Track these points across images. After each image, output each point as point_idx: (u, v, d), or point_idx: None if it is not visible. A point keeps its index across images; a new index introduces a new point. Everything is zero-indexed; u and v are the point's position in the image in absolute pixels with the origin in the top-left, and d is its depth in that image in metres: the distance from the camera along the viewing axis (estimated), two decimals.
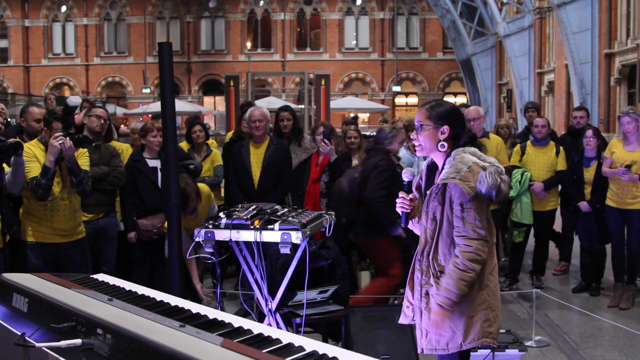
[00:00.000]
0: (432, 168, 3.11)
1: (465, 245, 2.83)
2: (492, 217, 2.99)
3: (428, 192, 2.99)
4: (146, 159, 5.50)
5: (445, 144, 2.96)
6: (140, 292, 2.62)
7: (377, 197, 5.09)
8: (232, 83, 16.92)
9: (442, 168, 2.97)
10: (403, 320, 3.10)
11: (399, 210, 3.08)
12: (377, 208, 5.10)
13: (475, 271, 2.84)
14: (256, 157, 5.81)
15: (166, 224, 4.37)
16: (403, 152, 5.91)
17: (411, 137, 3.06)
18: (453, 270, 2.83)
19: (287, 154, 5.89)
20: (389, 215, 5.05)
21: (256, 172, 5.76)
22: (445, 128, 2.96)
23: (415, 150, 3.34)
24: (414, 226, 3.18)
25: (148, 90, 38.69)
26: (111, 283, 2.80)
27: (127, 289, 2.70)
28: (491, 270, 2.94)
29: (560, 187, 7.01)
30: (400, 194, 3.07)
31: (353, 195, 5.25)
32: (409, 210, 3.07)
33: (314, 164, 5.91)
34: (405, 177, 3.08)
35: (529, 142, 6.96)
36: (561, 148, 6.90)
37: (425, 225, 2.99)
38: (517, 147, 7.00)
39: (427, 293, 2.96)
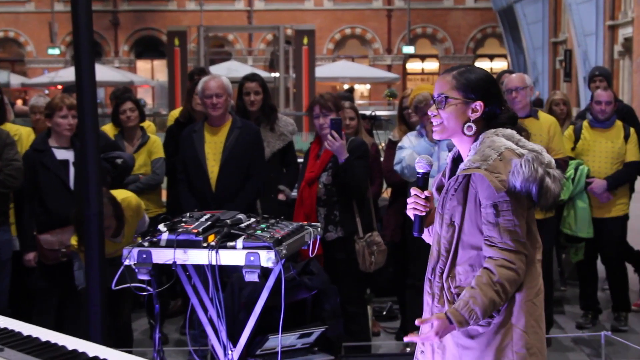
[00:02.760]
0: (459, 161, 3.12)
1: (505, 261, 2.85)
2: (544, 228, 3.01)
3: (444, 188, 3.02)
4: (53, 149, 5.48)
5: (474, 126, 2.99)
6: (43, 339, 2.60)
7: None
8: (176, 42, 16.90)
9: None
10: None
11: (410, 213, 3.11)
12: None
13: (509, 296, 2.88)
14: (213, 146, 5.80)
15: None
16: (417, 140, 5.92)
17: (429, 113, 3.06)
18: (486, 283, 2.85)
19: (256, 141, 5.90)
20: None
21: (213, 167, 5.76)
22: (479, 104, 2.98)
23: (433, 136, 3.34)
24: (431, 236, 3.18)
25: (56, 52, 38.48)
26: (1, 326, 2.77)
27: (25, 334, 2.67)
28: (533, 296, 2.97)
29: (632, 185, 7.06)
30: (413, 191, 3.08)
31: None
32: (424, 214, 3.09)
33: (312, 157, 5.88)
34: (420, 167, 3.09)
35: (585, 123, 6.92)
36: (632, 131, 6.89)
37: (440, 233, 3.02)
38: (570, 130, 6.97)
39: None
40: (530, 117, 6.34)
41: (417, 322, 2.89)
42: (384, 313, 7.07)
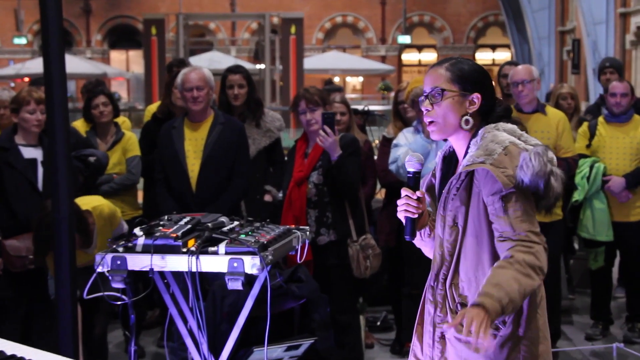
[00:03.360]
0: (451, 159, 3.15)
1: (522, 246, 2.83)
2: (550, 231, 3.02)
3: (445, 186, 3.03)
4: (20, 147, 5.46)
5: (471, 120, 3.02)
6: (8, 352, 2.59)
7: None
8: (154, 31, 16.90)
9: (465, 155, 3.02)
10: None
11: (401, 216, 3.11)
12: None
13: (535, 281, 2.82)
14: (194, 143, 5.80)
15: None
16: (413, 136, 5.93)
17: (423, 109, 3.07)
18: (505, 266, 2.79)
19: (241, 139, 5.90)
20: None
21: (194, 166, 5.76)
22: (476, 96, 3.02)
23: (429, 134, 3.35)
24: (423, 241, 3.21)
25: (23, 41, 38.33)
26: None
27: None
28: (537, 305, 3.00)
29: None
30: (404, 192, 3.09)
31: None
32: (416, 216, 3.09)
33: (298, 155, 5.88)
34: (410, 166, 3.11)
35: (601, 119, 6.96)
36: None
37: (442, 236, 3.03)
38: (584, 127, 7.00)
39: (442, 337, 3.01)
40: (538, 112, 6.36)
41: (447, 325, 2.90)
42: (378, 324, 7.07)
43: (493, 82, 3.15)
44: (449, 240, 3.00)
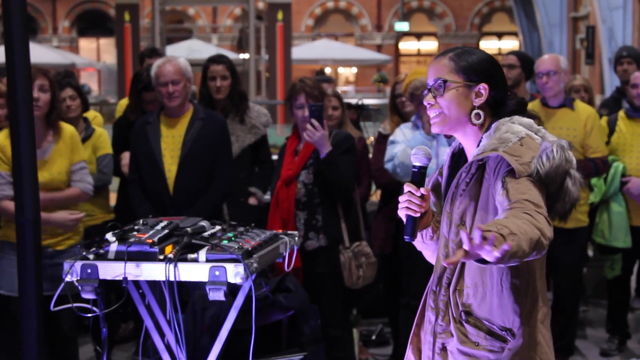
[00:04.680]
0: (460, 157, 3.15)
1: (519, 208, 2.67)
2: (575, 238, 3.01)
3: (453, 181, 3.02)
4: None
5: (482, 113, 3.02)
6: None
7: None
8: (127, 17, 16.89)
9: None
10: None
11: (402, 214, 3.07)
12: None
13: (543, 247, 2.62)
14: (171, 140, 5.81)
15: None
16: (412, 133, 5.95)
17: (425, 104, 3.08)
18: (509, 215, 2.64)
19: (223, 135, 5.91)
20: None
21: (171, 165, 5.77)
22: (483, 87, 3.01)
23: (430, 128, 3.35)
24: (425, 243, 3.20)
25: None
26: None
27: None
28: (543, 317, 2.99)
29: None
30: (407, 188, 3.05)
31: None
32: (418, 215, 3.07)
33: (288, 153, 5.89)
34: (416, 160, 3.07)
35: (621, 114, 6.95)
36: None
37: (447, 236, 3.02)
38: (603, 122, 7.02)
39: (443, 348, 3.00)
40: (565, 107, 6.35)
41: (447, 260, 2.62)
42: (374, 337, 7.08)
43: (504, 73, 3.13)
44: (454, 240, 2.98)
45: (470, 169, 2.93)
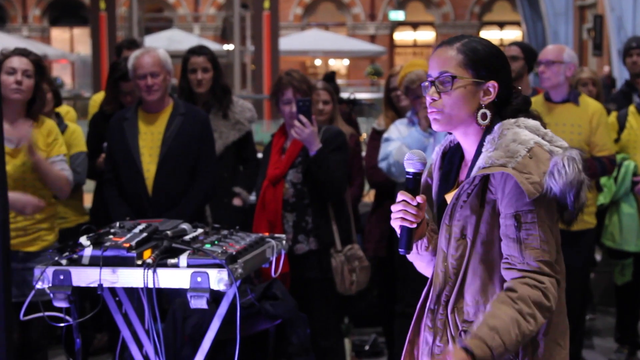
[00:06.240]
0: (453, 156, 3.14)
1: (529, 278, 2.81)
2: (581, 241, 3.00)
3: (454, 193, 2.99)
4: None
5: (489, 114, 2.98)
6: None
7: None
8: (102, 5, 16.89)
9: (476, 154, 2.98)
10: None
11: (395, 225, 3.04)
12: None
13: (539, 324, 2.83)
14: (150, 138, 5.80)
15: None
16: (407, 129, 5.95)
17: (428, 98, 3.03)
18: (508, 303, 2.79)
19: (205, 132, 5.90)
20: None
21: (150, 164, 5.76)
22: (492, 85, 2.98)
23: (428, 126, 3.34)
24: (419, 254, 3.18)
25: None
26: None
27: None
28: (559, 335, 2.99)
29: None
30: (401, 197, 3.02)
31: None
32: (414, 226, 3.04)
33: (275, 151, 5.89)
34: (410, 166, 3.04)
35: (632, 109, 6.96)
36: None
37: (446, 251, 3.00)
38: (612, 118, 7.03)
39: None
40: (569, 102, 6.32)
41: None
42: (367, 348, 7.09)
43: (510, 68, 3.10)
44: (454, 255, 2.96)
45: (473, 181, 2.90)
